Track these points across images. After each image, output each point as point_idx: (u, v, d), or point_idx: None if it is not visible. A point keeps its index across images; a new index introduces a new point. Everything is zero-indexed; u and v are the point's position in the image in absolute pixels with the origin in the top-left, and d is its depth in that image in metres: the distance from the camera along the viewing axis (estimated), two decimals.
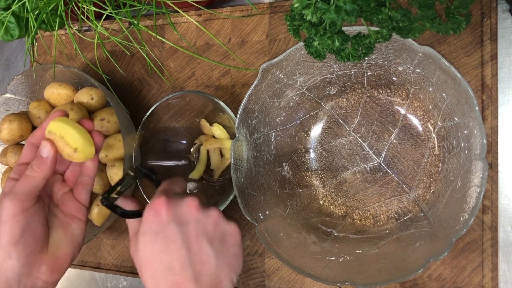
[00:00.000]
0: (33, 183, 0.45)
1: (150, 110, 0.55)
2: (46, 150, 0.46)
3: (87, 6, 0.53)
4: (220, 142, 0.59)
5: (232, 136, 0.59)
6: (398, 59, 0.48)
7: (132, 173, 0.51)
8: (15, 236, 0.43)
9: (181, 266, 0.41)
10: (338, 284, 0.47)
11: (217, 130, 0.59)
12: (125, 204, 0.47)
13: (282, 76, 0.52)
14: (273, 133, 0.54)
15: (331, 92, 0.54)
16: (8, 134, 0.62)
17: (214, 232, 0.43)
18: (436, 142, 0.50)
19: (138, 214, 0.46)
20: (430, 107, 0.50)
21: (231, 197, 0.54)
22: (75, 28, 0.62)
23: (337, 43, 0.37)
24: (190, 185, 0.60)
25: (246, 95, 0.52)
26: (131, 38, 0.57)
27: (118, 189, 0.48)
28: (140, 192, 0.56)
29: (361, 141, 0.53)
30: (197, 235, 0.42)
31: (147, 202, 0.48)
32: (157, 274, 0.41)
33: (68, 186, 0.51)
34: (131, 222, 0.47)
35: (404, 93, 0.51)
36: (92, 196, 0.63)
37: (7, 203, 0.44)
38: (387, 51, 0.48)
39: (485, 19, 0.48)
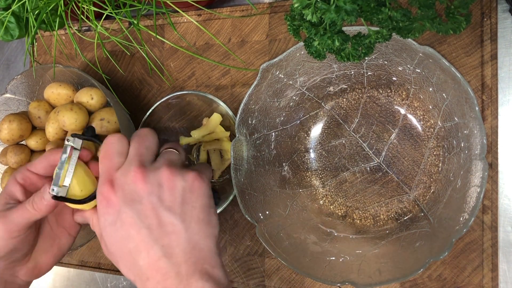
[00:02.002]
0: (29, 218, 0.44)
1: (150, 110, 0.55)
2: (47, 196, 0.44)
3: (87, 6, 0.53)
4: (220, 143, 0.59)
5: (232, 136, 0.59)
6: (398, 59, 0.48)
7: (74, 145, 0.46)
8: (0, 252, 0.44)
9: (146, 247, 0.37)
10: (338, 284, 0.47)
11: (216, 119, 0.58)
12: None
13: (282, 76, 0.52)
14: (273, 133, 0.54)
15: (331, 92, 0.54)
16: (8, 134, 0.62)
17: (171, 197, 0.39)
18: (436, 142, 0.50)
19: (94, 195, 0.43)
20: (430, 107, 0.50)
21: (231, 197, 0.54)
22: (75, 28, 0.62)
23: (337, 43, 0.37)
24: None
25: (246, 95, 0.52)
26: (131, 38, 0.57)
27: (65, 172, 0.44)
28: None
29: (361, 141, 0.53)
30: (153, 208, 0.38)
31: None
32: (130, 264, 0.39)
33: None
34: (93, 225, 0.45)
35: (404, 93, 0.51)
36: None
37: None
38: (387, 51, 0.48)
39: (485, 19, 0.48)
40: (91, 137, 0.46)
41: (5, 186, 0.48)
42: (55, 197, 0.44)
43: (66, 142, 0.45)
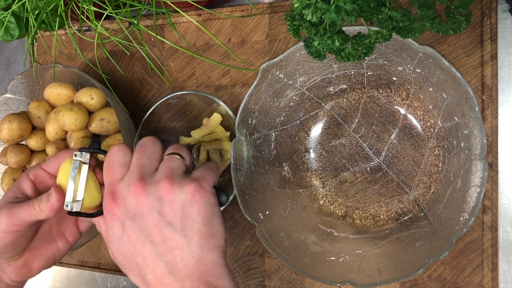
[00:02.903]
0: (34, 216, 0.44)
1: (150, 110, 0.55)
2: (53, 200, 0.44)
3: (87, 6, 0.53)
4: (220, 143, 0.59)
5: (232, 136, 0.59)
6: (398, 59, 0.48)
7: (82, 160, 0.46)
8: None
9: (152, 263, 0.38)
10: (338, 284, 0.47)
11: (216, 119, 0.58)
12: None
13: (282, 76, 0.52)
14: (273, 133, 0.54)
15: (331, 92, 0.54)
16: (8, 134, 0.62)
17: (172, 211, 0.38)
18: (436, 142, 0.50)
19: (101, 211, 0.44)
20: (430, 107, 0.50)
21: (231, 197, 0.54)
22: (75, 28, 0.62)
23: (337, 43, 0.37)
24: None
25: (246, 95, 0.52)
26: (131, 38, 0.57)
27: (76, 190, 0.45)
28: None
29: (361, 141, 0.53)
30: (155, 224, 0.38)
31: None
32: (140, 277, 0.39)
33: None
34: (99, 227, 0.46)
35: (404, 93, 0.51)
36: None
37: (3, 216, 0.44)
38: (387, 51, 0.48)
39: (485, 19, 0.48)
40: (97, 149, 0.47)
41: (17, 179, 0.48)
42: (71, 213, 0.44)
43: (74, 158, 0.45)
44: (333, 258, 0.50)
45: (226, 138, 0.59)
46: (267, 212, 0.52)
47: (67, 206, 0.44)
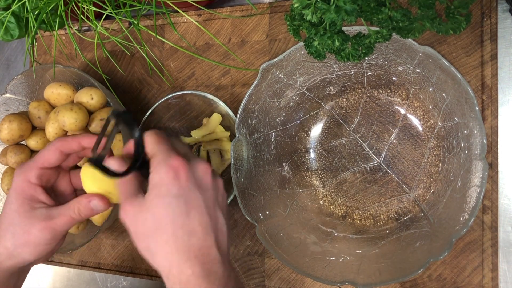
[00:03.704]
0: (71, 224, 0.45)
1: (150, 110, 0.55)
2: (100, 207, 0.45)
3: (87, 6, 0.53)
4: (220, 143, 0.59)
5: (232, 136, 0.59)
6: (398, 59, 0.48)
7: (114, 120, 0.44)
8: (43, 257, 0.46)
9: (203, 231, 0.39)
10: (338, 284, 0.47)
11: (216, 119, 0.58)
12: (112, 163, 0.43)
13: (282, 76, 0.52)
14: (273, 133, 0.54)
15: (331, 92, 0.54)
16: (8, 134, 0.62)
17: (223, 203, 0.43)
18: (436, 142, 0.50)
19: (128, 171, 0.41)
20: (430, 107, 0.50)
21: (231, 197, 0.54)
22: (75, 28, 0.62)
23: (337, 43, 0.37)
24: None
25: (246, 95, 0.52)
26: (131, 38, 0.57)
27: (104, 144, 0.43)
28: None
29: (361, 141, 0.53)
30: (214, 204, 0.41)
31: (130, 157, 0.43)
32: (176, 237, 0.39)
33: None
34: (123, 184, 0.42)
35: (404, 93, 0.51)
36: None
37: (43, 233, 0.45)
38: (387, 51, 0.48)
39: (485, 19, 0.48)
40: (133, 121, 0.43)
41: (16, 189, 0.46)
42: (95, 162, 0.41)
43: (109, 118, 0.43)
44: (333, 258, 0.50)
45: (226, 138, 0.59)
46: (267, 212, 0.52)
47: (93, 154, 0.42)
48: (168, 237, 0.39)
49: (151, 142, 0.42)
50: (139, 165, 0.41)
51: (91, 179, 0.45)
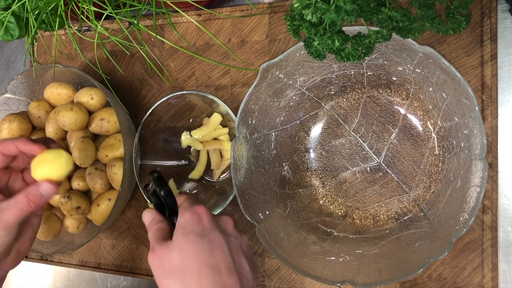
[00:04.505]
0: (22, 215, 0.46)
1: (150, 110, 0.55)
2: (49, 190, 0.47)
3: (87, 6, 0.53)
4: (220, 143, 0.59)
5: (232, 136, 0.59)
6: (398, 59, 0.48)
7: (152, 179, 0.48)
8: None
9: (227, 270, 0.41)
10: (338, 284, 0.47)
11: (216, 119, 0.58)
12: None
13: (282, 76, 0.52)
14: (273, 133, 0.54)
15: (331, 92, 0.54)
16: (8, 134, 0.62)
17: (247, 253, 0.44)
18: (436, 142, 0.50)
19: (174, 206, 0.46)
20: (430, 107, 0.50)
21: (231, 197, 0.54)
22: (75, 28, 0.62)
23: (337, 43, 0.37)
24: (190, 185, 0.60)
25: (246, 95, 0.52)
26: (131, 38, 0.57)
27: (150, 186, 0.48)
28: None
29: (361, 141, 0.53)
30: (237, 249, 0.43)
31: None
32: (201, 274, 0.40)
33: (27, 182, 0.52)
34: (155, 230, 0.45)
35: (404, 93, 0.51)
36: (92, 196, 0.63)
37: None
38: (387, 51, 0.48)
39: (485, 19, 0.48)
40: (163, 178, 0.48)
41: None
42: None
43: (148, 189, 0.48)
44: (333, 258, 0.50)
45: (226, 138, 0.59)
46: (267, 212, 0.52)
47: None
48: (193, 274, 0.40)
49: (181, 196, 0.47)
50: (168, 214, 0.46)
51: (38, 166, 0.47)
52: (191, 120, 0.60)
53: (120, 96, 0.66)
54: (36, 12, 0.54)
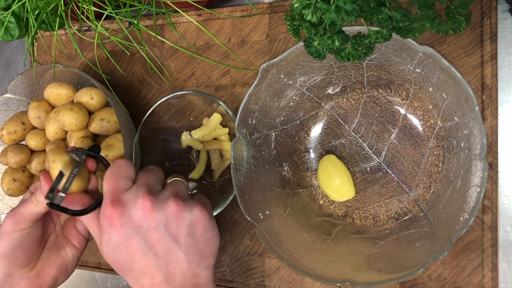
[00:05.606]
0: (33, 210, 0.47)
1: (150, 110, 0.55)
2: (44, 188, 0.46)
3: (87, 6, 0.53)
4: (220, 143, 0.59)
5: (232, 136, 0.59)
6: (398, 59, 0.48)
7: (76, 158, 0.46)
8: (5, 249, 0.46)
9: (151, 271, 0.40)
10: (338, 284, 0.47)
11: (216, 119, 0.58)
12: (73, 202, 0.45)
13: (282, 76, 0.52)
14: (273, 133, 0.54)
15: (331, 92, 0.54)
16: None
17: (178, 229, 0.41)
18: (436, 142, 0.50)
19: (93, 208, 0.44)
20: (430, 107, 0.50)
21: (231, 197, 0.54)
22: (75, 28, 0.62)
23: (337, 43, 0.37)
24: (190, 185, 0.60)
25: (246, 95, 0.52)
26: (131, 38, 0.57)
27: (62, 184, 0.44)
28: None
29: (361, 141, 0.53)
30: (160, 238, 0.40)
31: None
32: (132, 278, 0.41)
33: None
34: (88, 223, 0.45)
35: (404, 93, 0.51)
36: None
37: (6, 219, 0.47)
38: (387, 51, 0.48)
39: (485, 19, 0.48)
40: (96, 153, 0.47)
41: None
42: (50, 205, 0.44)
43: (70, 154, 0.46)
44: (333, 258, 0.50)
45: (226, 138, 0.59)
46: (267, 212, 0.52)
47: (48, 197, 0.44)
48: (126, 276, 0.41)
49: (105, 178, 0.44)
50: (100, 202, 0.43)
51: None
52: (191, 120, 0.60)
53: (120, 96, 0.66)
54: (36, 12, 0.54)
